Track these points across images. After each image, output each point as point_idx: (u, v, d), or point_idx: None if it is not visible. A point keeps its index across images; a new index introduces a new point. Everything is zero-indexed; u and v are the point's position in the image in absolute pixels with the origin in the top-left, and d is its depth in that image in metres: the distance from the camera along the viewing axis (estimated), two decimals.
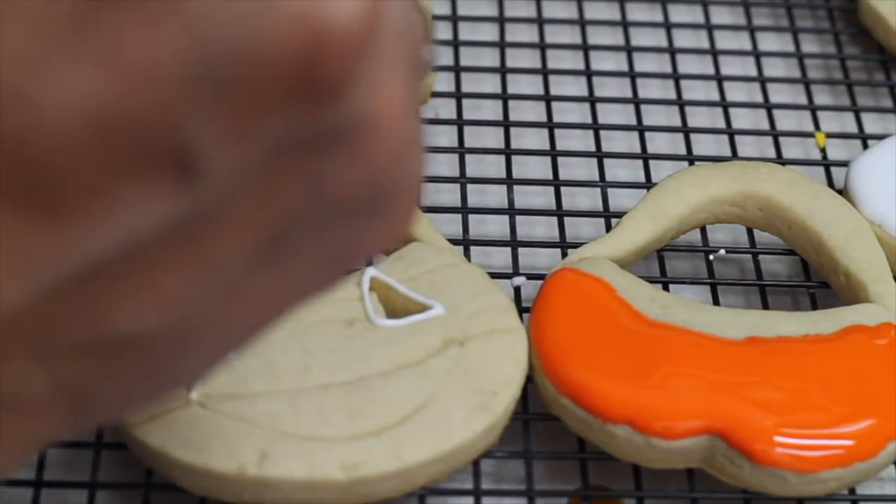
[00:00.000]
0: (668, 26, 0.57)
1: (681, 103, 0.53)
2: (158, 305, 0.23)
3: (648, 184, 0.49)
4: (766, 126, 0.53)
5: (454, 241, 0.45)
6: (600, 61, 0.56)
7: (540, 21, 0.56)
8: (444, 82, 0.53)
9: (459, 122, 0.51)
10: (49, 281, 0.22)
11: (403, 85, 0.24)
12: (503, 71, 0.54)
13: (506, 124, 0.52)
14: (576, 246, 0.45)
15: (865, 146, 0.52)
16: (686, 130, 0.52)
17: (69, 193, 0.21)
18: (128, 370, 0.24)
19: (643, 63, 0.56)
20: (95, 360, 0.23)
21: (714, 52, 0.56)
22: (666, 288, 0.46)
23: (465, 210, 0.48)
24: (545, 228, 0.50)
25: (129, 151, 0.21)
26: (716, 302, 0.46)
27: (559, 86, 0.54)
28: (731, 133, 0.52)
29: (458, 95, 0.53)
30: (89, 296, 0.22)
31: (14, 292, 0.22)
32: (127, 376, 0.24)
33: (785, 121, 0.55)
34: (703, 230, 0.48)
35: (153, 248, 0.22)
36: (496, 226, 0.50)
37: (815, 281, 0.47)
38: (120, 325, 0.23)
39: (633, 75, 0.54)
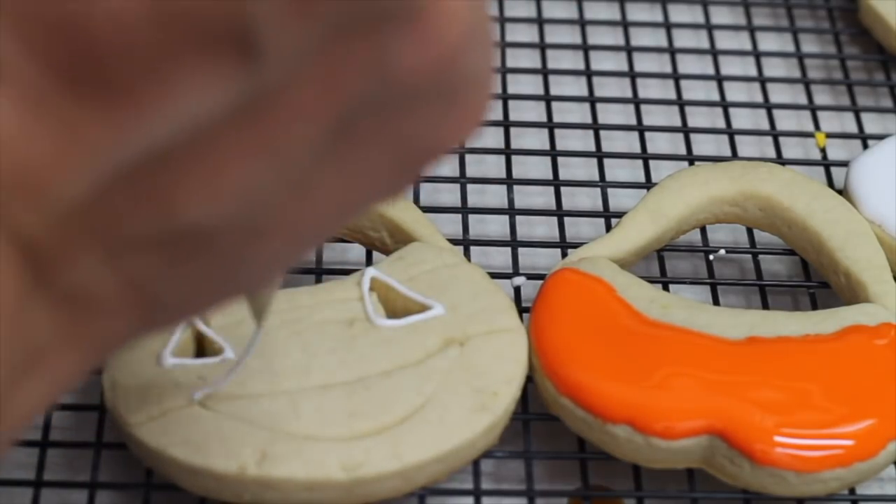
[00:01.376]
0: (668, 26, 0.57)
1: (681, 103, 0.53)
2: (224, 196, 0.22)
3: (648, 184, 0.49)
4: (766, 126, 0.53)
5: (454, 241, 0.45)
6: (600, 61, 0.56)
7: (540, 21, 0.56)
8: None
9: None
10: (110, 170, 0.21)
11: None
12: (503, 71, 0.54)
13: (506, 124, 0.52)
14: (576, 246, 0.45)
15: (865, 146, 0.52)
16: (686, 130, 0.52)
17: (128, 77, 0.20)
18: (196, 267, 0.23)
19: (643, 63, 0.56)
20: (163, 256, 0.23)
21: (714, 52, 0.56)
22: (666, 288, 0.46)
23: (465, 210, 0.48)
24: (545, 228, 0.50)
25: (189, 32, 0.20)
26: (716, 302, 0.46)
27: (559, 86, 0.54)
28: (731, 133, 0.52)
29: None
30: (153, 186, 0.22)
31: (75, 183, 0.21)
32: (195, 273, 0.23)
33: (785, 121, 0.55)
34: (703, 230, 0.48)
35: (217, 135, 0.22)
36: (496, 226, 0.50)
37: (815, 281, 0.47)
38: (186, 216, 0.22)
39: (633, 75, 0.54)
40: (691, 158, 0.51)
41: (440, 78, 0.24)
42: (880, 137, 0.52)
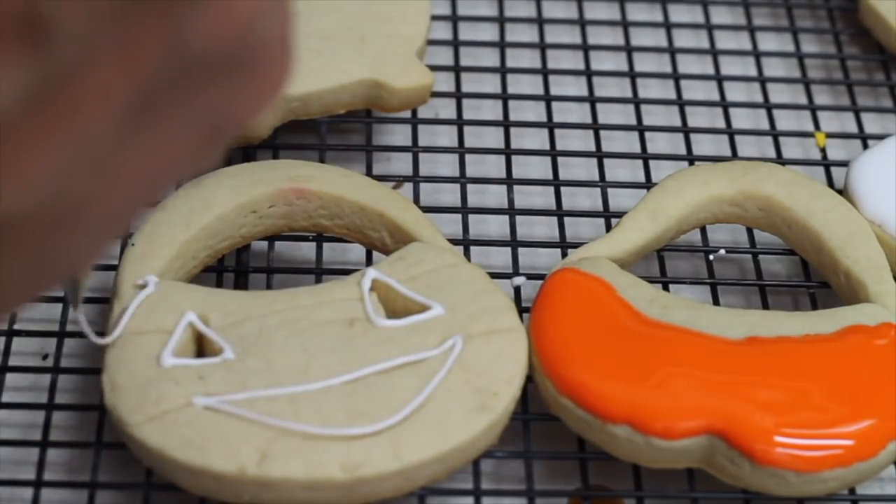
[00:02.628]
0: (668, 26, 0.57)
1: (681, 103, 0.53)
2: (28, 183, 0.22)
3: (648, 184, 0.49)
4: (766, 126, 0.53)
5: (454, 241, 0.45)
6: (600, 61, 0.56)
7: (540, 21, 0.56)
8: (444, 82, 0.53)
9: (459, 122, 0.51)
10: None
11: None
12: (503, 71, 0.54)
13: (506, 124, 0.52)
14: (576, 246, 0.45)
15: (865, 146, 0.52)
16: (686, 130, 0.52)
17: None
18: (8, 258, 0.23)
19: (643, 63, 0.56)
20: None
21: (714, 52, 0.56)
22: (666, 288, 0.46)
23: (465, 210, 0.48)
24: (545, 228, 0.50)
25: None
26: (716, 302, 0.46)
27: (559, 86, 0.54)
28: (731, 133, 0.52)
29: (458, 95, 0.53)
30: None
31: None
32: (9, 264, 0.23)
33: (785, 121, 0.55)
34: (703, 230, 0.48)
35: (14, 123, 0.22)
36: (496, 226, 0.50)
37: (815, 281, 0.47)
38: None
39: (633, 75, 0.54)
40: (691, 158, 0.51)
41: (235, 48, 0.24)
42: (880, 137, 0.52)
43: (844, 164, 0.50)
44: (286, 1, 0.25)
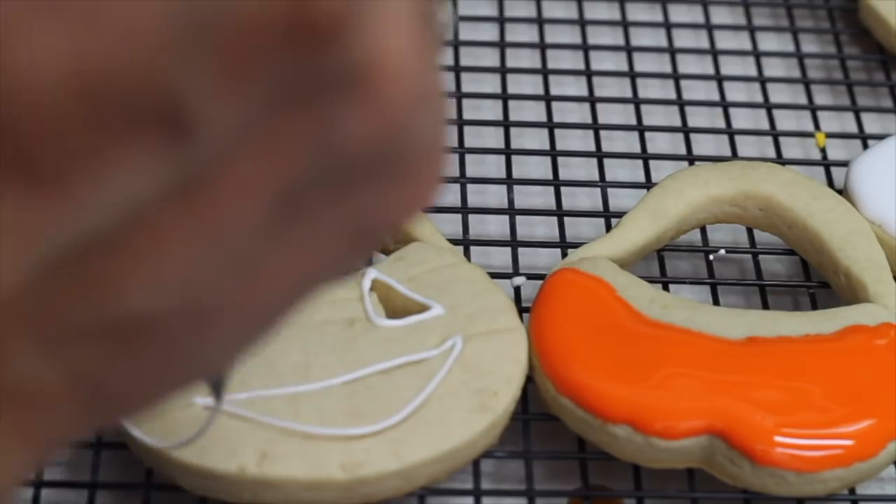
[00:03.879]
0: (668, 26, 0.57)
1: (681, 103, 0.53)
2: (166, 281, 0.21)
3: (648, 184, 0.50)
4: (766, 126, 0.53)
5: (454, 241, 0.45)
6: (600, 61, 0.56)
7: (540, 21, 0.56)
8: (444, 82, 0.53)
9: (459, 122, 0.51)
10: (44, 258, 0.20)
11: (412, 30, 0.22)
12: (503, 71, 0.54)
13: (506, 124, 0.52)
14: (576, 246, 0.45)
15: (865, 146, 0.52)
16: (686, 130, 0.52)
17: (56, 160, 0.19)
18: (143, 357, 0.22)
19: (643, 63, 0.56)
20: (107, 347, 0.22)
21: (714, 52, 0.56)
22: (666, 288, 0.46)
23: (465, 210, 0.48)
24: (545, 228, 0.50)
25: (116, 111, 0.19)
26: (716, 302, 0.46)
27: (559, 86, 0.54)
28: (731, 133, 0.52)
29: (458, 95, 0.53)
30: (91, 274, 0.21)
31: (6, 272, 0.20)
32: (143, 364, 0.22)
33: (785, 121, 0.55)
34: (703, 230, 0.48)
35: (154, 217, 0.21)
36: (496, 226, 0.50)
37: (815, 281, 0.47)
38: (126, 304, 0.21)
39: (633, 75, 0.54)
40: (691, 158, 0.51)
41: (389, 145, 0.22)
42: (880, 137, 0.52)
43: (844, 164, 0.50)
44: (437, 98, 0.23)
